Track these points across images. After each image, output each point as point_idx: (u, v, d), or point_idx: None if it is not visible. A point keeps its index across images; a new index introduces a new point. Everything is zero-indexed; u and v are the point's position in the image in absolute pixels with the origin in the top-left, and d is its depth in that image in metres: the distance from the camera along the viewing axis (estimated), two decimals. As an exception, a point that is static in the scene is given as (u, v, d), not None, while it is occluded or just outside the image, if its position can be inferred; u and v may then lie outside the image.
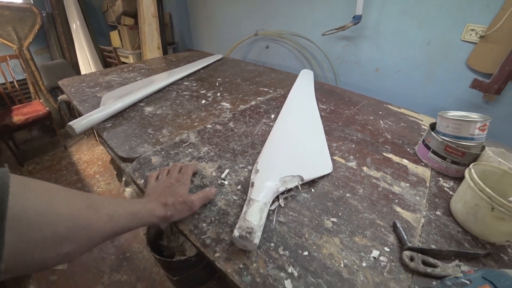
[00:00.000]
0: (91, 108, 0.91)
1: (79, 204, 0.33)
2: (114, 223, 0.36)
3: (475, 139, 0.66)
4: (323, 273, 0.41)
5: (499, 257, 0.48)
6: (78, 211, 0.32)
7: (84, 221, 0.32)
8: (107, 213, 0.36)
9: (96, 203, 0.35)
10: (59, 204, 0.30)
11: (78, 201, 0.33)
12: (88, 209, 0.33)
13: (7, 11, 2.12)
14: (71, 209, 0.31)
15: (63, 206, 0.31)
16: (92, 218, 0.33)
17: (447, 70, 1.30)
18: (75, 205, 0.32)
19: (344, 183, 0.60)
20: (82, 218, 0.32)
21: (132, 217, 0.39)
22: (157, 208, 0.43)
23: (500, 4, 1.07)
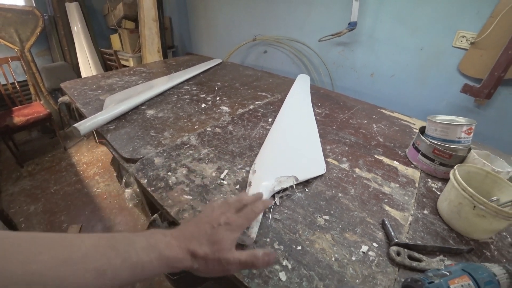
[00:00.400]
0: (94, 111, 0.94)
1: (49, 259, 0.25)
2: (108, 279, 0.28)
3: (462, 142, 0.70)
4: (315, 266, 0.44)
5: (482, 253, 0.51)
6: (46, 270, 0.24)
7: (57, 281, 0.25)
8: (95, 268, 0.27)
9: (80, 254, 0.27)
10: (13, 265, 0.23)
11: (47, 256, 0.26)
12: (63, 265, 0.26)
13: (10, 14, 2.16)
14: (33, 269, 0.24)
15: (18, 267, 0.24)
16: (70, 276, 0.26)
17: (440, 75, 1.34)
18: (42, 262, 0.25)
19: (337, 184, 0.63)
20: (53, 278, 0.25)
21: (138, 271, 0.30)
22: (181, 258, 0.33)
23: (489, 12, 1.12)
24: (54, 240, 0.27)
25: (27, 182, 1.95)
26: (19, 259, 0.24)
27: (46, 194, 1.83)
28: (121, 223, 1.60)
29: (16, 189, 1.86)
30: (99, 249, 0.29)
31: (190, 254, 0.33)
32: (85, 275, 0.27)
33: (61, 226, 1.57)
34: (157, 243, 0.33)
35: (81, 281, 0.26)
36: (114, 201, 1.79)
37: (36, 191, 1.85)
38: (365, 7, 1.43)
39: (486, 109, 1.26)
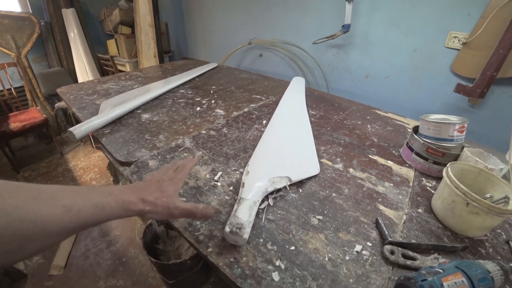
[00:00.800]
0: (89, 115, 0.94)
1: (21, 196, 0.29)
2: (74, 215, 0.32)
3: (454, 140, 0.70)
4: (308, 266, 0.44)
5: (477, 250, 0.51)
6: (19, 204, 0.28)
7: (30, 214, 0.29)
8: (63, 205, 0.32)
9: (49, 194, 0.31)
10: None
11: (20, 194, 0.29)
12: (34, 201, 0.30)
13: (7, 20, 2.16)
14: (10, 201, 0.28)
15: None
16: (42, 211, 0.30)
17: (433, 76, 1.35)
18: (15, 197, 0.28)
19: (331, 184, 0.63)
20: (25, 211, 0.28)
21: (98, 210, 0.35)
22: (134, 201, 0.39)
23: (480, 13, 1.13)
24: (23, 185, 0.31)
25: (23, 189, 1.93)
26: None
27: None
28: (118, 227, 1.59)
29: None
30: (64, 192, 0.33)
31: (140, 199, 0.40)
32: (54, 210, 0.31)
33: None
34: (113, 190, 0.39)
35: (51, 214, 0.30)
36: (111, 206, 1.77)
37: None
38: (358, 10, 1.45)
39: (480, 108, 1.27)
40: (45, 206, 0.30)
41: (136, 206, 0.39)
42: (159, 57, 2.47)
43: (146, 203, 0.40)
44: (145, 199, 0.40)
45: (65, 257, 1.39)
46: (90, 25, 2.74)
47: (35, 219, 0.29)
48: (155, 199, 0.41)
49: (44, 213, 0.30)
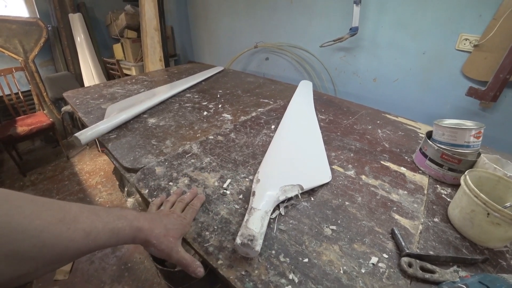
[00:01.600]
0: (95, 120, 0.93)
1: (48, 218, 0.29)
2: (92, 240, 0.33)
3: (471, 147, 0.68)
4: (323, 279, 0.42)
5: (497, 262, 0.48)
6: (45, 227, 0.28)
7: (53, 238, 0.29)
8: (83, 229, 0.32)
9: (71, 216, 0.32)
10: (21, 217, 0.27)
11: (46, 214, 0.30)
12: (59, 224, 0.30)
13: (14, 25, 2.19)
14: (37, 224, 0.28)
15: (26, 220, 0.27)
16: (64, 235, 0.30)
17: (443, 79, 1.33)
18: (42, 219, 0.29)
19: (343, 192, 0.61)
20: (50, 235, 0.29)
21: (113, 235, 0.35)
22: (145, 229, 0.40)
23: (492, 15, 1.11)
24: (49, 202, 0.32)
25: (30, 192, 1.94)
26: (26, 214, 0.28)
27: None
28: (124, 232, 1.58)
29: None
30: (84, 213, 0.34)
31: (150, 229, 0.40)
32: (75, 234, 0.31)
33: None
34: (128, 215, 0.39)
35: (71, 238, 0.31)
36: (117, 210, 1.77)
37: (38, 201, 1.84)
38: (366, 12, 1.43)
39: (492, 112, 1.24)
40: (67, 230, 0.30)
41: (144, 234, 0.40)
42: (164, 61, 2.48)
43: (153, 235, 0.40)
44: (154, 231, 0.41)
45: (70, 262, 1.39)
46: (96, 29, 2.77)
47: (55, 242, 0.29)
48: (163, 236, 0.41)
49: (65, 237, 0.30)
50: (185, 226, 0.46)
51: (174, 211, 0.49)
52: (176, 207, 0.51)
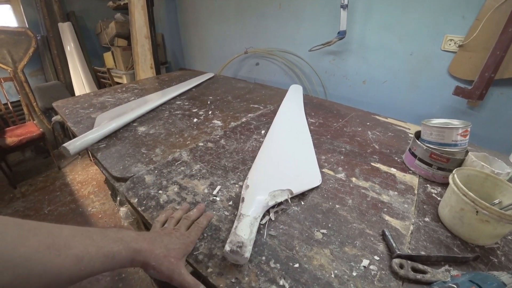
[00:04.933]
0: (85, 129, 0.92)
1: (35, 244, 0.28)
2: (84, 266, 0.31)
3: (458, 145, 0.69)
4: (314, 284, 0.41)
5: (489, 259, 0.49)
6: (31, 254, 0.27)
7: (40, 266, 0.27)
8: (75, 254, 0.30)
9: (62, 241, 0.30)
10: (3, 246, 0.25)
11: (34, 241, 0.28)
12: (47, 250, 0.28)
13: (3, 35, 2.17)
14: (22, 252, 0.26)
15: (8, 248, 0.25)
16: (53, 262, 0.28)
17: (431, 79, 1.35)
18: (28, 246, 0.27)
19: (333, 195, 0.61)
20: (36, 262, 0.27)
21: (108, 259, 0.34)
22: (143, 250, 0.38)
23: (475, 16, 1.13)
24: (36, 227, 0.30)
25: (20, 204, 1.90)
26: (8, 241, 0.26)
27: (39, 215, 1.78)
28: (117, 243, 1.56)
29: (9, 211, 1.82)
30: (76, 237, 0.32)
31: (150, 250, 0.38)
32: (65, 261, 0.29)
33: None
34: (124, 237, 0.38)
35: (61, 266, 0.29)
36: (110, 220, 1.74)
37: (29, 213, 1.81)
38: (353, 16, 1.45)
39: (479, 110, 1.26)
40: (57, 257, 0.29)
41: (142, 256, 0.37)
42: (155, 68, 2.48)
43: (153, 257, 0.38)
44: (154, 252, 0.38)
45: (62, 275, 1.36)
46: (86, 38, 2.75)
47: (43, 271, 0.27)
48: (163, 257, 0.39)
49: (54, 264, 0.28)
50: (188, 245, 0.44)
51: (178, 229, 0.46)
52: (181, 224, 0.48)
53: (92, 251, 0.32)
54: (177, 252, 0.41)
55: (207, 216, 0.52)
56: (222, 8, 2.17)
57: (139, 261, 0.37)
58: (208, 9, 2.29)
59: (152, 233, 0.44)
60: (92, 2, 2.75)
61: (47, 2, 2.36)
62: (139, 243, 0.38)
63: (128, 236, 0.38)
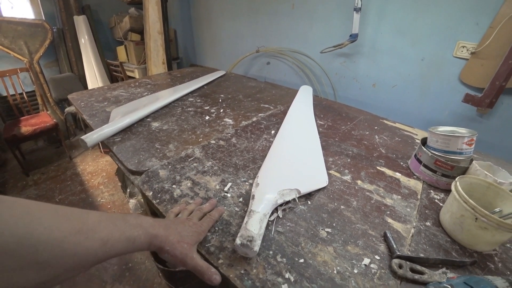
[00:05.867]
0: (100, 123, 0.96)
1: (67, 228, 0.31)
2: (109, 248, 0.34)
3: (463, 153, 0.70)
4: (317, 278, 0.44)
5: (486, 265, 0.51)
6: (64, 237, 0.30)
7: (72, 247, 0.30)
8: (100, 238, 0.34)
9: (89, 226, 0.33)
10: (42, 229, 0.28)
11: (65, 225, 0.31)
12: (77, 234, 0.31)
13: (20, 27, 2.23)
14: (56, 234, 0.29)
15: (46, 231, 0.29)
16: (82, 244, 0.31)
17: (441, 85, 1.35)
18: (62, 230, 0.30)
19: (339, 196, 0.64)
20: (69, 244, 0.30)
21: (129, 243, 0.37)
22: (160, 236, 0.41)
23: (489, 23, 1.14)
24: (68, 212, 0.33)
25: (32, 191, 1.97)
26: (45, 225, 0.29)
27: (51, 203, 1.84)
28: (125, 233, 1.61)
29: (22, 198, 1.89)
30: (102, 223, 0.35)
31: (166, 236, 0.42)
32: (93, 244, 0.33)
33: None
34: (143, 223, 0.41)
35: (89, 248, 0.32)
36: (118, 210, 1.80)
37: (41, 200, 1.87)
38: (366, 19, 1.46)
39: (489, 118, 1.27)
40: (86, 240, 0.32)
41: (158, 241, 0.41)
42: (167, 64, 2.51)
43: (167, 242, 0.41)
44: (169, 238, 0.42)
45: (72, 261, 1.41)
46: (100, 31, 2.81)
47: (75, 252, 0.31)
48: (177, 242, 0.42)
49: (83, 246, 0.32)
50: (200, 233, 0.47)
51: (190, 219, 0.50)
52: (194, 215, 0.51)
53: (116, 235, 0.36)
54: (190, 238, 0.44)
55: (219, 211, 0.55)
56: (235, 6, 2.19)
57: (155, 245, 0.41)
58: (221, 6, 2.32)
59: (167, 220, 0.48)
60: (107, -4, 2.80)
61: (64, -5, 2.42)
62: (156, 229, 0.42)
63: (147, 223, 0.42)
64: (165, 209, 0.57)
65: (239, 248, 0.44)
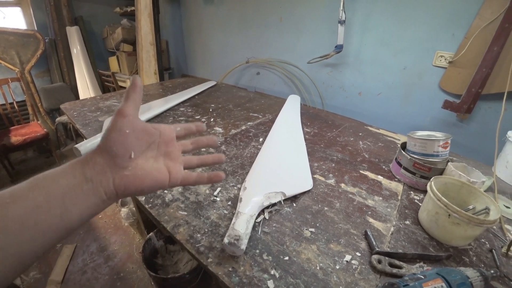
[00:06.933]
0: (93, 132, 0.98)
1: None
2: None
3: (439, 156, 0.75)
4: (301, 274, 0.47)
5: (461, 259, 0.54)
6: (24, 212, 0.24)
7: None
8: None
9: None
10: None
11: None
12: None
13: (12, 37, 2.24)
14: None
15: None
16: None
17: (423, 92, 1.42)
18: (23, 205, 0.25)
19: (323, 198, 0.67)
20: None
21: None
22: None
23: (463, 34, 1.21)
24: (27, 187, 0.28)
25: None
26: None
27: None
28: (116, 242, 1.60)
29: None
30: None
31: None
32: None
33: (55, 246, 1.56)
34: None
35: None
36: (110, 220, 1.79)
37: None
38: (351, 31, 1.53)
39: (468, 123, 1.33)
40: None
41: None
42: (159, 74, 2.54)
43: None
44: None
45: (62, 272, 1.40)
46: (93, 42, 2.83)
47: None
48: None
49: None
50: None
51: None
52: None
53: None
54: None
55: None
56: (226, 18, 2.26)
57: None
58: (212, 18, 2.38)
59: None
60: (100, 7, 2.83)
61: (56, 6, 2.44)
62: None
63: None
64: (157, 213, 0.59)
65: (227, 247, 0.47)
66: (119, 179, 0.31)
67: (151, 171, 0.33)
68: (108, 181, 0.30)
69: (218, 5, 2.27)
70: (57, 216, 0.27)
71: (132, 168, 0.32)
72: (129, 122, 0.32)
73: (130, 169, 0.31)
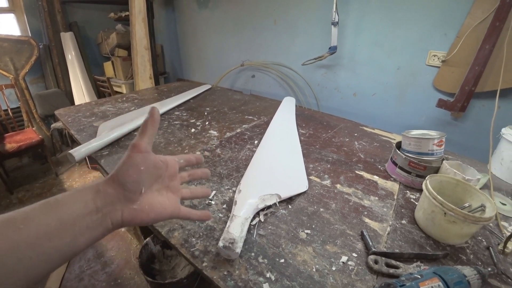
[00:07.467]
0: (88, 137, 0.97)
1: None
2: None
3: (434, 154, 0.75)
4: (297, 277, 0.46)
5: (458, 257, 0.54)
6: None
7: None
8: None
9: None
10: None
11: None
12: None
13: (6, 43, 2.23)
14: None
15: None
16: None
17: (417, 92, 1.43)
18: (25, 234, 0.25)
19: (318, 200, 0.67)
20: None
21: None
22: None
23: (456, 33, 1.22)
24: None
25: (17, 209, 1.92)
26: None
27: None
28: (113, 248, 1.58)
29: None
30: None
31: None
32: None
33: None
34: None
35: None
36: (107, 226, 1.77)
37: (26, 220, 1.83)
38: (344, 32, 1.54)
39: (463, 121, 1.34)
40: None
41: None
42: (154, 79, 2.54)
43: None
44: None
45: (58, 279, 1.38)
46: (87, 47, 2.82)
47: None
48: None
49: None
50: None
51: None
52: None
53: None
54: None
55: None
56: (221, 22, 2.26)
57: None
58: (207, 22, 2.38)
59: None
60: (94, 13, 2.83)
61: (50, 12, 2.43)
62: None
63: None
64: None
65: (222, 251, 0.46)
66: (128, 213, 0.32)
67: (156, 206, 0.35)
68: (117, 213, 0.32)
69: (212, 9, 2.28)
70: (67, 243, 0.28)
71: (140, 202, 0.34)
72: (144, 158, 0.34)
73: (138, 203, 0.33)
